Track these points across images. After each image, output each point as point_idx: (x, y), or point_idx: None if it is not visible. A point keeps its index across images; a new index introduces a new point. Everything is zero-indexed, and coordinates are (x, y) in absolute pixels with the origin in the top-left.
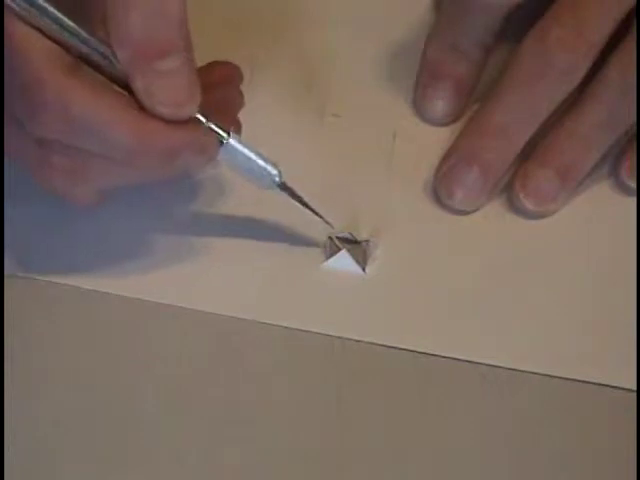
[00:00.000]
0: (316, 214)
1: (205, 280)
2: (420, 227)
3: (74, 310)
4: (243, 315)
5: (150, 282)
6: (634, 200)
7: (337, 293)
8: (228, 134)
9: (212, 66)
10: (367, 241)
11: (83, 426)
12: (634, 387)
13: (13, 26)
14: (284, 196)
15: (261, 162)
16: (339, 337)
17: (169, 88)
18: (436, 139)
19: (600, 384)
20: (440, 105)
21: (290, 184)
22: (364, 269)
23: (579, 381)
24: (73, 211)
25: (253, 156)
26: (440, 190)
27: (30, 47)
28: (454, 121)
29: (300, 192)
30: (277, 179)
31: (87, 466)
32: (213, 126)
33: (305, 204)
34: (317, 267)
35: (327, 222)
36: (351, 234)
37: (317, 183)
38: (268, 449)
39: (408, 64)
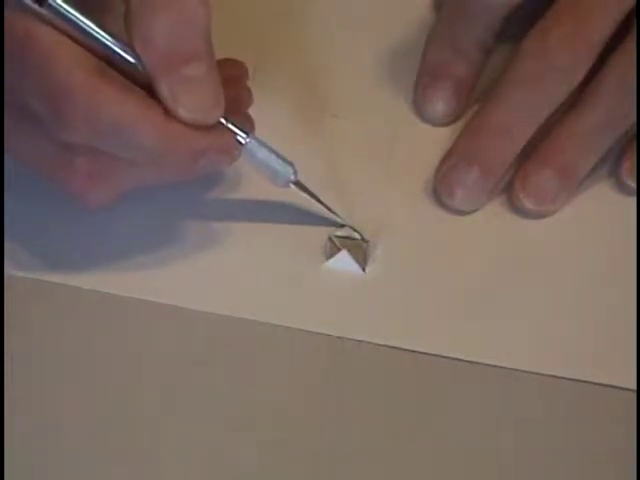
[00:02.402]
0: (329, 210)
1: (205, 280)
2: (420, 227)
3: (74, 310)
4: (243, 315)
5: (150, 282)
6: (634, 200)
7: (337, 293)
8: (247, 134)
9: (221, 64)
10: (367, 241)
11: (83, 426)
12: (634, 387)
13: (38, 29)
14: (290, 195)
15: (279, 161)
16: (339, 337)
17: (195, 94)
18: (436, 139)
19: (600, 384)
20: (440, 105)
21: (304, 182)
22: (364, 269)
23: (579, 381)
24: (73, 211)
25: (271, 155)
26: (440, 190)
27: (56, 50)
28: (454, 121)
29: (313, 189)
30: (292, 177)
31: (87, 466)
32: (233, 127)
33: (319, 201)
34: (317, 267)
35: (339, 218)
36: (352, 227)
37: (317, 183)
38: (268, 449)
39: (408, 64)
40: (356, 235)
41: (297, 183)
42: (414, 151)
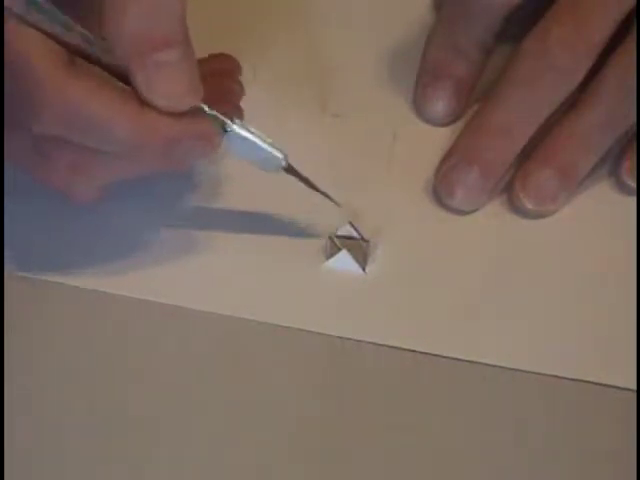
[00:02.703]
0: (324, 194)
1: (205, 280)
2: (420, 227)
3: (74, 310)
4: (243, 315)
5: (150, 282)
6: (634, 200)
7: (337, 293)
8: (232, 121)
9: (211, 57)
10: (367, 241)
11: (83, 426)
12: (634, 387)
13: (8, 24)
14: (287, 187)
15: (266, 147)
16: (339, 337)
17: (169, 80)
18: (436, 139)
19: (600, 384)
20: (440, 105)
21: (296, 167)
22: (364, 269)
23: (579, 381)
24: (73, 211)
25: (258, 141)
26: (440, 190)
27: (27, 45)
28: (454, 121)
29: (306, 174)
30: (283, 163)
31: (87, 466)
32: (216, 114)
33: (312, 186)
34: (317, 267)
35: (335, 202)
36: (351, 224)
37: (317, 183)
38: (268, 449)
39: (408, 64)
40: (356, 235)
41: (288, 169)
42: (414, 151)
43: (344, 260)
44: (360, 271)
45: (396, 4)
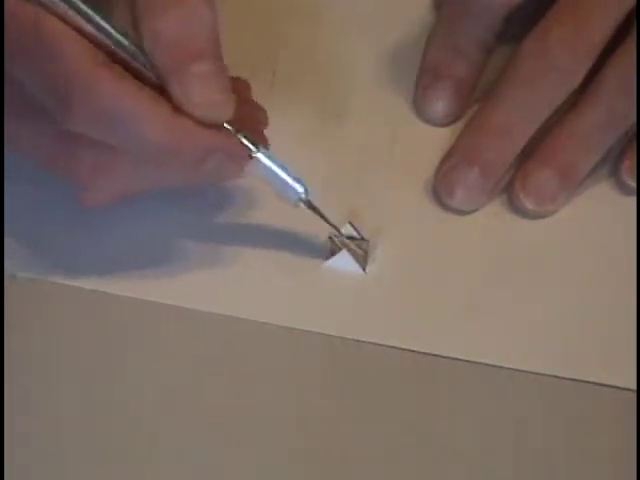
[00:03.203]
0: (337, 230)
1: (205, 280)
2: (420, 227)
3: (74, 310)
4: (243, 315)
5: (150, 282)
6: (634, 200)
7: (337, 293)
8: (257, 148)
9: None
10: (367, 241)
11: (83, 426)
12: (634, 387)
13: (47, 21)
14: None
15: (288, 180)
16: (339, 337)
17: (205, 90)
18: (436, 139)
19: (600, 384)
20: (440, 105)
21: (316, 203)
22: (364, 269)
23: (579, 381)
24: (73, 211)
25: (280, 172)
26: (440, 190)
27: (65, 41)
28: (454, 121)
29: (324, 210)
30: (303, 196)
31: (87, 466)
32: (243, 138)
33: (328, 222)
34: (317, 267)
35: (343, 237)
36: (351, 224)
37: (317, 183)
38: (268, 449)
39: (408, 64)
40: (356, 235)
41: (309, 204)
42: (414, 151)
43: (344, 260)
44: (360, 271)
45: (396, 4)
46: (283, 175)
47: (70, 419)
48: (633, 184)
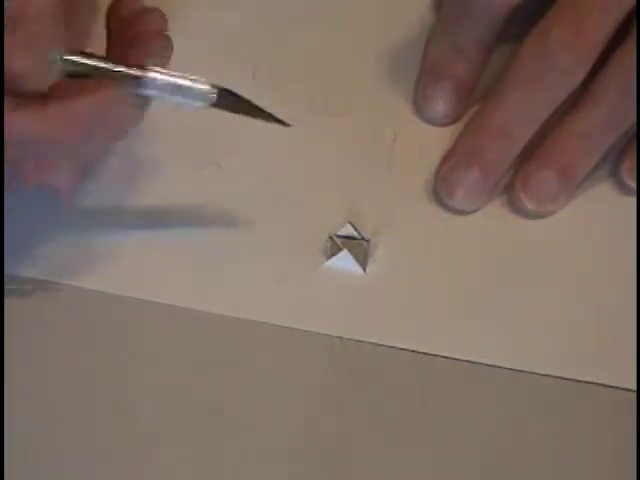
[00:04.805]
0: (271, 116)
1: (205, 280)
2: (420, 227)
3: (74, 310)
4: (243, 315)
5: (150, 282)
6: (634, 200)
7: (337, 293)
8: (144, 69)
9: (136, 18)
10: (368, 241)
11: (83, 426)
12: (634, 387)
13: None
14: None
15: (191, 84)
16: (339, 337)
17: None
18: (436, 139)
19: (600, 384)
20: (440, 105)
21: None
22: (364, 269)
23: (579, 381)
24: (73, 211)
25: (179, 81)
26: (440, 190)
27: None
28: (454, 121)
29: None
30: (214, 96)
31: (87, 466)
32: (126, 69)
33: (255, 106)
34: (317, 267)
35: (282, 122)
36: (351, 224)
37: (317, 183)
38: (268, 449)
39: (408, 64)
40: (356, 235)
41: (225, 93)
42: (414, 151)
43: (344, 260)
44: (360, 271)
45: (396, 4)
46: (184, 82)
47: (70, 419)
48: (633, 184)
